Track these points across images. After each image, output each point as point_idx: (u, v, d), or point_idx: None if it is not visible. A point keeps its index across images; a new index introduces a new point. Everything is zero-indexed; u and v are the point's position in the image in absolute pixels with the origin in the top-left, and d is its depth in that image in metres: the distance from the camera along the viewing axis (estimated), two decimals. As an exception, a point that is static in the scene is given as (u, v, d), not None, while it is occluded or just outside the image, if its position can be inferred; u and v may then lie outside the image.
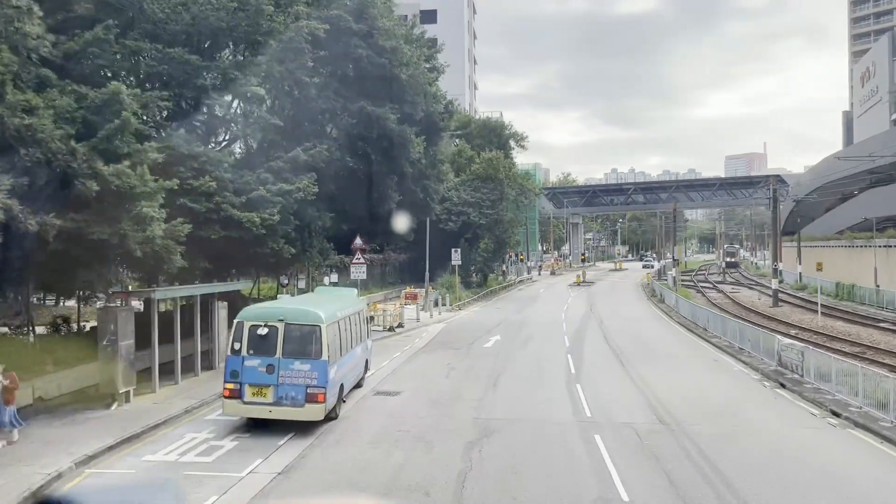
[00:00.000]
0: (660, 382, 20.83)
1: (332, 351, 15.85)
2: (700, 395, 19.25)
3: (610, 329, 34.71)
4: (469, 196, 57.12)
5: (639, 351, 27.49)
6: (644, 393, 19.44)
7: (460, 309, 45.53)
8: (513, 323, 37.65)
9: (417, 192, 34.84)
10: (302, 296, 22.57)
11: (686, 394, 19.28)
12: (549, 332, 33.80)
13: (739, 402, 18.54)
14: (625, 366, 23.96)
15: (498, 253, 61.95)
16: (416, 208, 36.72)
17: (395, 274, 55.97)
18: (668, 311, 43.23)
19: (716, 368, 23.82)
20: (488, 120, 76.22)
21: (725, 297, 54.03)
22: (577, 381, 21.12)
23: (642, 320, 39.59)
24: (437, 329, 35.40)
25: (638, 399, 18.71)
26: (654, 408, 17.58)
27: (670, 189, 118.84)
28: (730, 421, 16.42)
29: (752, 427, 16.01)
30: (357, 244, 30.80)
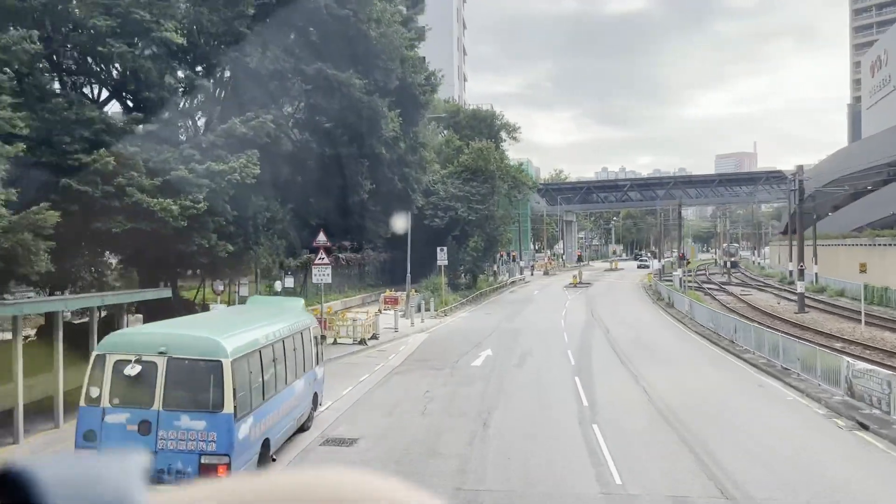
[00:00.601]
0: (697, 419, 15.86)
1: (247, 396, 10.81)
2: (761, 442, 14.27)
3: (619, 340, 29.75)
4: (457, 190, 52.09)
5: (661, 371, 22.53)
6: (685, 440, 14.45)
7: (446, 315, 40.50)
8: (506, 332, 32.65)
9: (395, 181, 29.82)
10: (219, 311, 17.01)
11: (739, 439, 14.34)
12: (549, 344, 28.81)
13: (822, 456, 13.58)
14: (649, 394, 18.96)
15: (489, 252, 56.96)
16: (395, 200, 31.71)
17: (375, 275, 50.89)
18: (680, 317, 38.33)
19: (766, 399, 18.85)
20: (478, 110, 71.24)
21: (738, 300, 49.23)
22: (592, 419, 16.11)
23: (653, 328, 34.67)
24: (419, 340, 30.36)
25: (679, 452, 13.71)
26: (705, 466, 12.61)
27: (667, 185, 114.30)
28: (826, 493, 11.44)
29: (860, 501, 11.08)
30: (320, 241, 25.74)
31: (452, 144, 57.46)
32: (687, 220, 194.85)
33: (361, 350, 26.88)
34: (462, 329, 34.46)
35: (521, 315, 41.26)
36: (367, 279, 48.78)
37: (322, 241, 25.67)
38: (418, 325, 34.52)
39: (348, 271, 44.86)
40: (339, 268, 42.26)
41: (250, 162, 18.37)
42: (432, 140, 57.46)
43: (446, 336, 31.79)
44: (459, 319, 39.32)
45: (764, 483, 11.77)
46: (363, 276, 48.02)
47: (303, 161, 24.30)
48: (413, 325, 34.21)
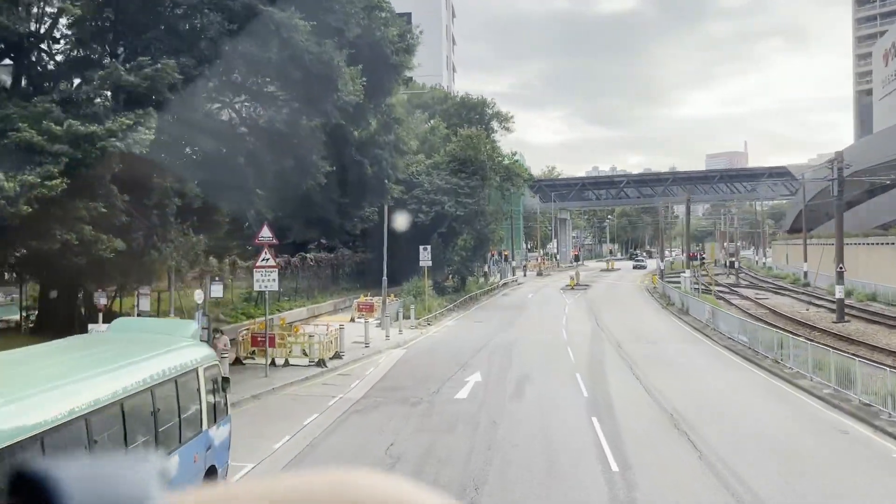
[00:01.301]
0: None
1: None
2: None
3: (636, 359, 24.44)
4: (443, 182, 46.68)
5: (700, 409, 17.22)
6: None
7: (430, 324, 35.11)
8: (499, 347, 27.30)
9: (364, 166, 24.43)
10: (50, 347, 10.67)
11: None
12: (552, 364, 23.49)
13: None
14: (700, 450, 13.62)
15: (479, 251, 51.62)
16: (365, 189, 26.32)
17: (351, 277, 45.42)
18: (699, 326, 33.07)
19: (869, 459, 13.52)
20: (468, 98, 65.84)
21: (756, 304, 44.09)
22: (629, 490, 10.79)
23: (673, 343, 29.40)
24: (393, 359, 24.95)
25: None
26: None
27: (666, 182, 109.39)
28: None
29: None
30: (264, 237, 20.27)
31: (439, 132, 52.06)
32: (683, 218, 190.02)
33: (318, 375, 21.42)
34: (447, 342, 29.07)
35: (515, 323, 35.91)
36: (341, 282, 43.33)
37: (266, 238, 20.21)
38: (395, 338, 29.10)
39: (318, 273, 39.40)
40: (305, 270, 36.82)
41: (142, 124, 12.94)
42: (417, 128, 52.05)
43: (427, 352, 26.39)
44: (445, 330, 33.93)
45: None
46: (337, 279, 42.55)
47: (230, 130, 18.94)
48: (388, 337, 28.79)
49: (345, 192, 26.46)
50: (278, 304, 33.26)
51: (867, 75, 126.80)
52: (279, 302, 33.61)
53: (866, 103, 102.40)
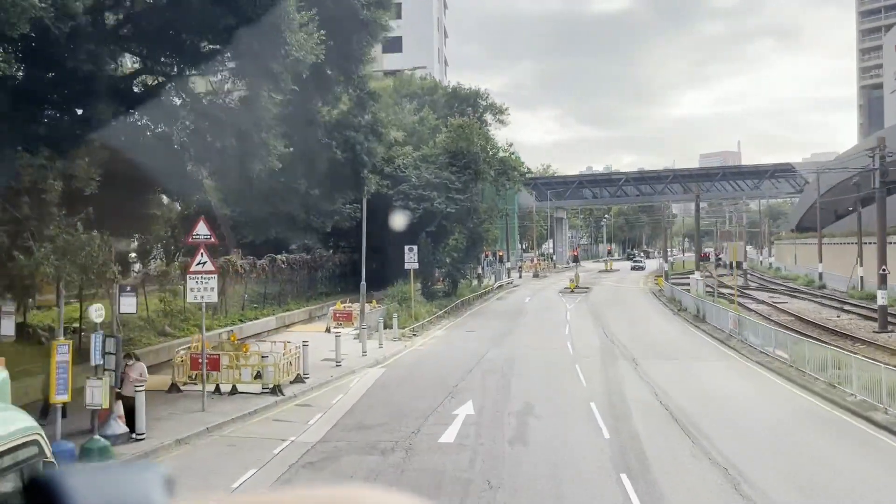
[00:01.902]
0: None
1: None
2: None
3: (660, 381, 20.34)
4: (433, 176, 42.52)
5: (759, 457, 13.13)
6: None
7: (416, 334, 30.96)
8: (494, 365, 23.16)
9: (333, 150, 20.22)
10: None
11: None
12: (560, 390, 19.38)
13: None
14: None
15: (472, 252, 47.49)
16: (337, 179, 22.15)
17: (332, 281, 41.21)
18: (722, 337, 29.01)
19: None
20: (459, 87, 61.71)
21: (777, 310, 40.10)
22: None
23: (696, 357, 25.33)
24: (367, 382, 20.77)
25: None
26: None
27: (666, 179, 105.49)
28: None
29: None
30: (199, 235, 16.05)
31: (428, 123, 47.90)
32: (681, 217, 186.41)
33: (270, 406, 17.22)
34: (433, 359, 24.91)
35: (513, 334, 31.79)
36: (320, 286, 39.12)
37: (202, 237, 15.97)
38: (373, 354, 24.93)
39: (292, 277, 35.18)
40: (277, 273, 32.62)
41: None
42: (404, 118, 47.92)
43: (409, 373, 22.20)
44: (433, 342, 29.78)
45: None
46: (314, 284, 38.32)
47: (155, 97, 14.79)
48: (365, 353, 24.60)
49: (312, 183, 22.28)
50: (242, 313, 29.07)
51: (872, 69, 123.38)
52: (243, 311, 29.41)
53: (876, 97, 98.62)
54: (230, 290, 30.55)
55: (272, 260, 31.49)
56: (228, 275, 27.65)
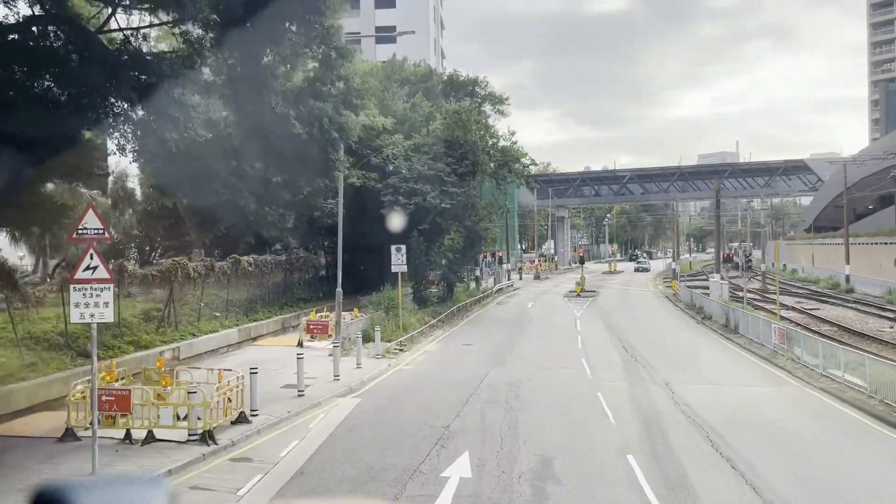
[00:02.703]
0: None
1: None
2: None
3: (709, 418, 15.80)
4: (425, 167, 38.00)
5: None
6: None
7: (403, 349, 26.38)
8: (496, 393, 18.60)
9: (291, 122, 15.64)
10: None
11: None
12: (583, 433, 14.84)
13: None
14: None
15: (469, 252, 42.91)
16: (301, 160, 17.58)
17: (312, 285, 36.57)
18: (766, 354, 24.51)
19: None
20: (456, 75, 57.14)
21: (810, 317, 35.60)
22: None
23: (743, 382, 20.79)
24: (334, 420, 16.17)
25: None
26: None
27: (672, 176, 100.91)
28: None
29: None
30: (86, 230, 11.35)
31: (421, 109, 43.33)
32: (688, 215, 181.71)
33: (193, 463, 12.61)
34: (422, 384, 20.31)
35: (517, 347, 27.26)
36: (296, 291, 34.49)
37: (91, 231, 11.35)
38: (349, 377, 20.36)
39: (262, 281, 30.55)
40: (241, 277, 28.05)
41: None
42: (394, 104, 43.34)
43: (389, 406, 17.57)
44: (422, 359, 25.19)
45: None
46: (289, 288, 33.69)
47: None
48: (338, 377, 20.01)
49: (271, 168, 17.70)
50: (195, 325, 24.46)
51: (884, 63, 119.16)
52: (197, 323, 24.81)
53: (892, 90, 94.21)
54: (188, 298, 25.95)
55: (235, 262, 26.88)
56: (177, 279, 23.05)
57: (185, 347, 22.13)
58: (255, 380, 15.73)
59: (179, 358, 21.63)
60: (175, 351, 21.45)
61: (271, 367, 21.75)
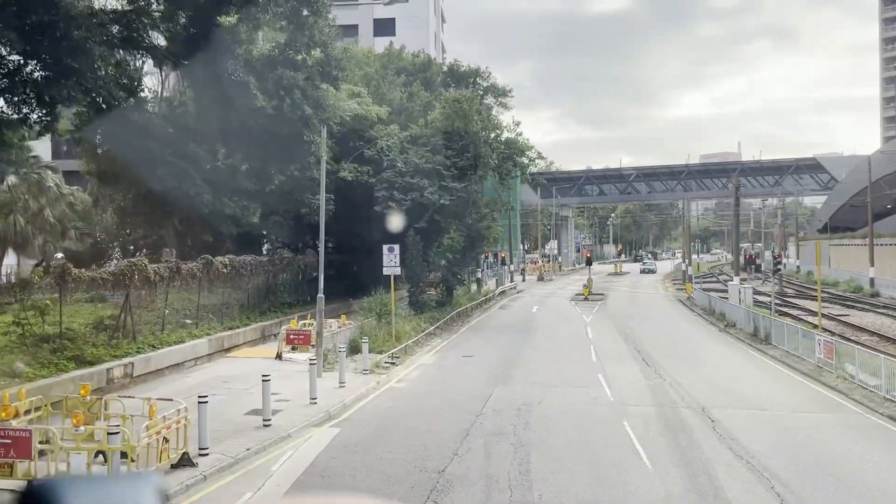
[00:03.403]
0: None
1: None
2: None
3: (775, 469, 12.76)
4: (423, 160, 34.98)
5: None
6: None
7: (395, 361, 23.34)
8: (502, 422, 15.56)
9: (251, 93, 12.57)
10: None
11: None
12: (615, 485, 11.77)
13: None
14: None
15: (470, 253, 39.82)
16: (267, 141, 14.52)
17: (299, 289, 33.45)
18: (807, 370, 21.47)
19: None
20: (456, 65, 54.00)
21: (843, 324, 32.53)
22: None
23: (795, 409, 17.70)
24: (302, 461, 13.10)
25: None
26: None
27: (680, 175, 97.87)
28: None
29: None
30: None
31: (419, 99, 40.30)
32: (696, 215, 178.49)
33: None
34: (414, 409, 17.22)
35: (523, 361, 24.20)
36: (281, 295, 31.43)
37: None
38: (329, 399, 17.33)
39: (239, 285, 27.47)
40: (215, 280, 25.04)
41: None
42: (390, 93, 40.33)
43: (372, 440, 14.48)
44: (417, 375, 22.12)
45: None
46: (273, 292, 30.62)
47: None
48: (315, 399, 16.97)
49: (231, 150, 14.67)
50: (158, 335, 21.41)
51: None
52: (161, 333, 21.75)
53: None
54: (157, 304, 22.90)
55: (207, 263, 23.81)
56: (133, 283, 20.00)
57: (140, 363, 19.09)
58: (205, 411, 12.67)
59: (133, 375, 18.60)
60: (128, 367, 18.42)
61: (240, 386, 18.75)
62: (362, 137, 35.75)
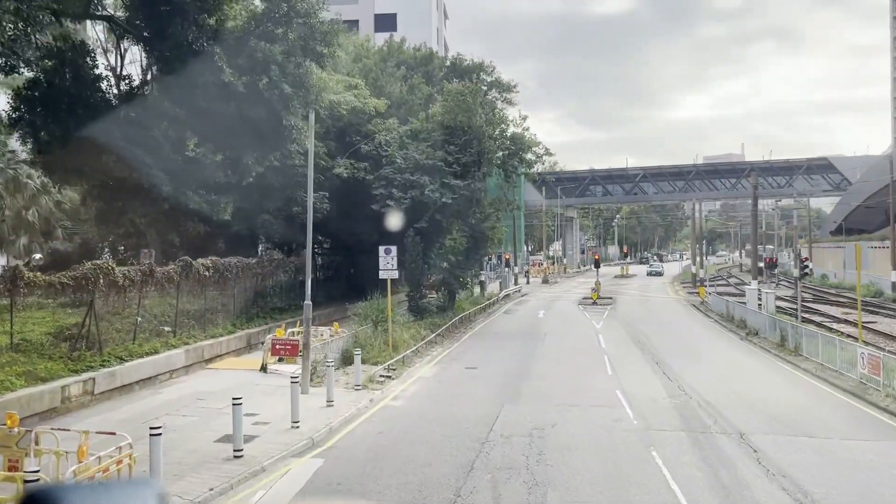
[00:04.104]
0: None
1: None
2: None
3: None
4: (423, 156, 32.89)
5: None
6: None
7: (391, 374, 21.21)
8: (512, 453, 13.44)
9: (215, 67, 10.43)
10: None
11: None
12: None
13: None
14: None
15: (473, 254, 37.68)
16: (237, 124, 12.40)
17: (292, 292, 31.35)
18: (849, 386, 19.32)
19: None
20: (459, 58, 51.80)
21: (877, 333, 30.35)
22: None
23: (848, 436, 15.52)
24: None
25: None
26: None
27: (688, 175, 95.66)
28: None
29: None
30: None
31: (419, 92, 38.19)
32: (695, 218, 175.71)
33: None
34: (411, 435, 15.05)
35: (532, 374, 22.06)
36: (270, 300, 29.30)
37: None
38: (313, 421, 15.20)
39: (225, 289, 25.34)
40: (196, 284, 22.93)
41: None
42: (389, 85, 38.23)
43: (360, 477, 12.29)
44: (415, 390, 19.96)
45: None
46: (262, 296, 28.50)
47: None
48: (297, 423, 14.83)
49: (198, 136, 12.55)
50: (127, 346, 19.28)
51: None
52: (132, 343, 19.62)
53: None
54: (133, 310, 20.78)
55: (186, 265, 21.69)
56: (98, 288, 17.88)
57: (104, 378, 16.98)
58: (158, 447, 10.52)
59: (94, 393, 16.49)
60: (87, 384, 16.31)
61: (216, 405, 16.65)
62: (359, 132, 33.69)
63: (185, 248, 32.77)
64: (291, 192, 28.47)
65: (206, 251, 28.66)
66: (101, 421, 15.08)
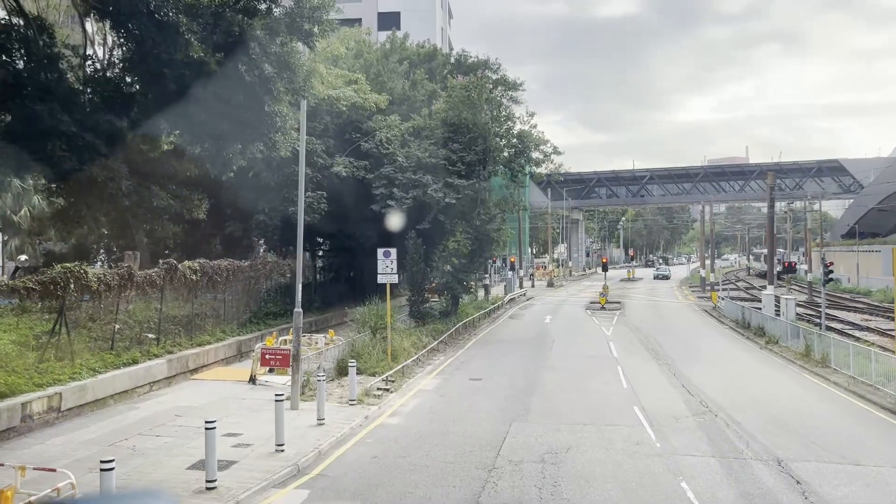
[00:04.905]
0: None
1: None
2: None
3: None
4: (426, 154, 31.35)
5: None
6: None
7: (390, 387, 19.64)
8: (522, 485, 11.89)
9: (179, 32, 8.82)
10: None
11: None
12: None
13: None
14: None
15: (478, 257, 36.07)
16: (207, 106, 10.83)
17: (289, 295, 29.81)
18: (892, 404, 17.72)
19: None
20: (464, 56, 50.30)
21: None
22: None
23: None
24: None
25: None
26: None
27: (696, 177, 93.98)
28: None
29: None
30: None
31: (422, 87, 36.69)
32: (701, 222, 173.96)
33: None
34: (409, 461, 13.45)
35: (542, 388, 20.47)
36: (264, 304, 27.77)
37: None
38: (300, 444, 13.66)
39: (215, 293, 23.81)
40: (182, 288, 21.42)
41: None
42: (391, 81, 36.70)
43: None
44: (414, 406, 18.36)
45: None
46: (255, 300, 26.97)
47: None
48: (282, 446, 13.28)
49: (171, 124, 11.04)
50: (105, 355, 17.76)
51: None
52: (110, 352, 18.10)
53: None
54: (114, 317, 19.26)
55: (171, 268, 20.18)
56: (69, 293, 16.37)
57: (73, 392, 15.45)
58: (110, 482, 8.96)
59: (61, 409, 14.96)
60: (53, 399, 14.79)
61: (195, 422, 15.07)
62: (359, 129, 32.19)
63: (179, 249, 31.33)
64: (287, 192, 26.99)
65: (201, 253, 27.22)
66: (64, 442, 13.57)
